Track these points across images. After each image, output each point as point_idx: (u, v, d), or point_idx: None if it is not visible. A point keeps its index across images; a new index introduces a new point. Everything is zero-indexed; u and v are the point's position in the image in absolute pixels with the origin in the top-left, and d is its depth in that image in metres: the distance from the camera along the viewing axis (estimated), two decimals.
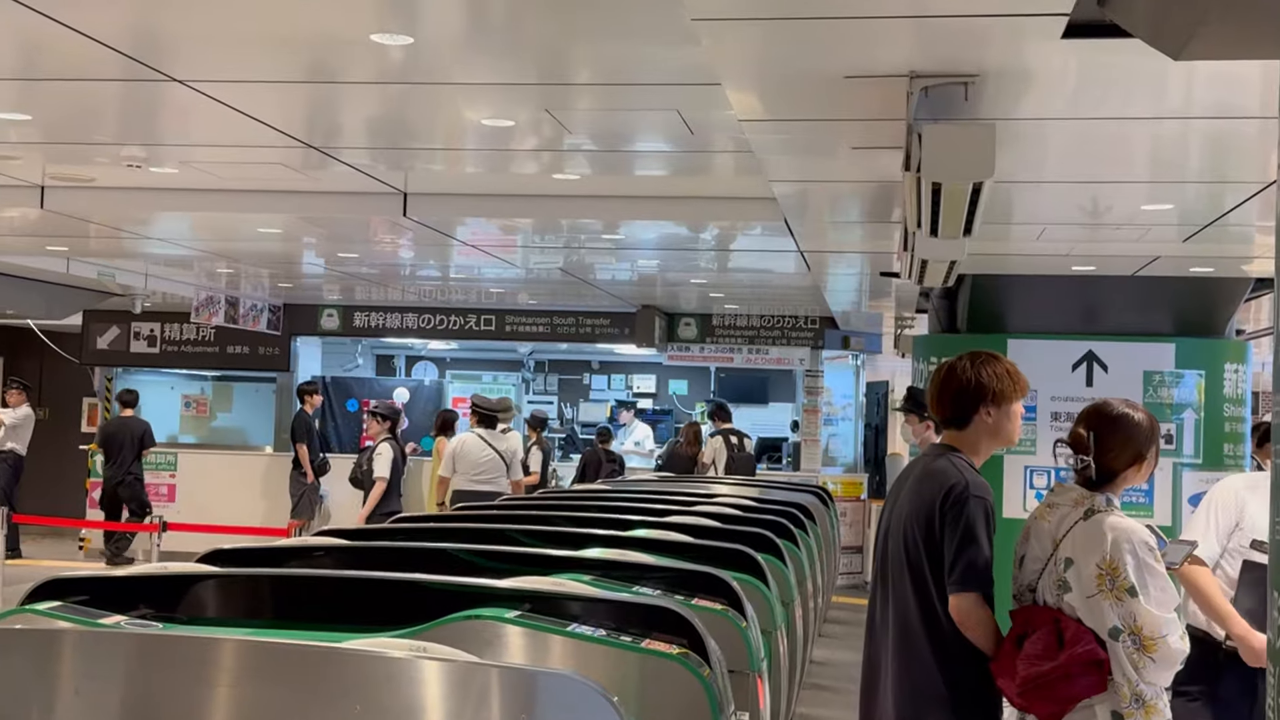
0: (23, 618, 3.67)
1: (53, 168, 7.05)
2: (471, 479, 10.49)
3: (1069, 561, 3.77)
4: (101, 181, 7.29)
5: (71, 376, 16.30)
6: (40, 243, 9.78)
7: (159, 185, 7.41)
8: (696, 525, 6.28)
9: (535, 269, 11.18)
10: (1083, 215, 6.84)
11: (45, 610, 3.70)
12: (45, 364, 16.58)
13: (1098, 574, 3.68)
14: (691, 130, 5.50)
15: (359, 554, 5.02)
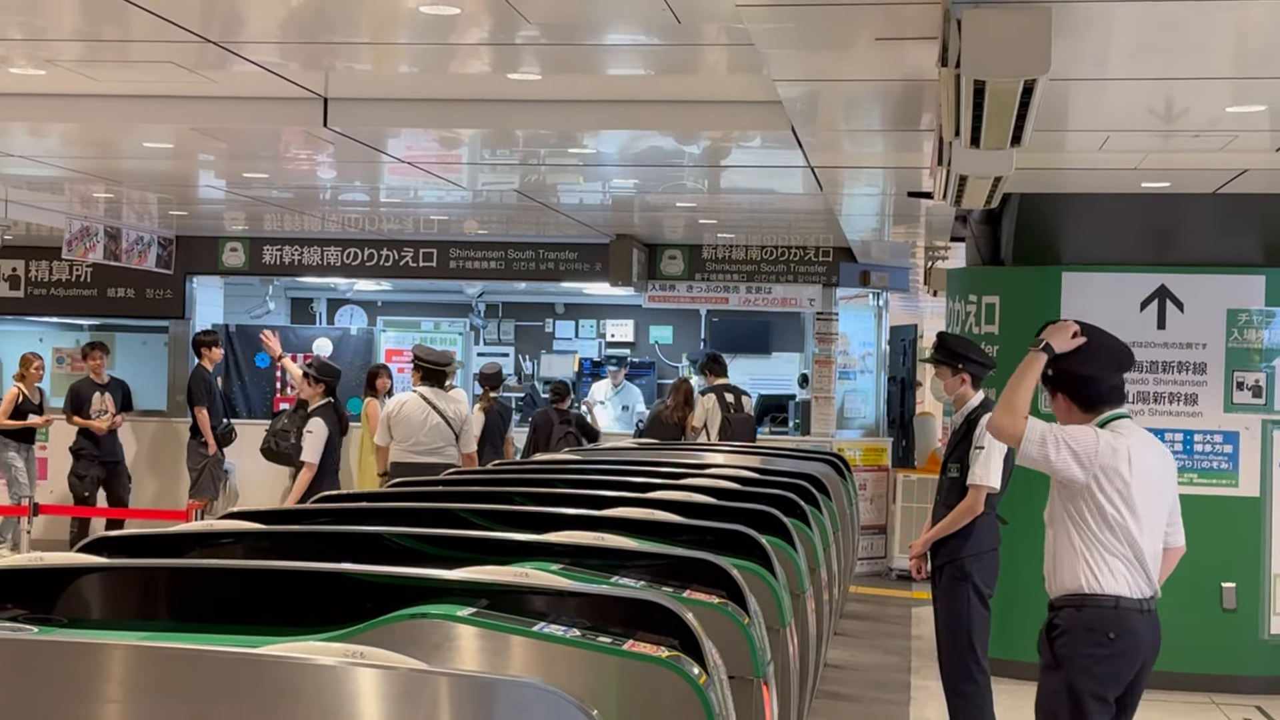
0: None
1: None
2: (411, 449, 10.47)
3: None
4: None
5: None
6: None
7: (20, 91, 7.41)
8: (687, 502, 6.30)
9: (485, 191, 11.19)
10: (1155, 120, 6.86)
11: None
12: None
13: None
14: (677, 18, 5.47)
15: (277, 540, 5.03)
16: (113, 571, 4.19)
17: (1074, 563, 5.01)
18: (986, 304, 9.56)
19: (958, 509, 6.81)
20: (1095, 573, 4.97)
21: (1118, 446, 5.01)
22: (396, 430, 10.57)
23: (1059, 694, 5.00)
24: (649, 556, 4.79)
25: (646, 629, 3.74)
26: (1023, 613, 7.97)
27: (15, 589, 4.00)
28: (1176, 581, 8.93)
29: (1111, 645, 4.96)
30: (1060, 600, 5.08)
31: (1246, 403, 9.13)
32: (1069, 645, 4.98)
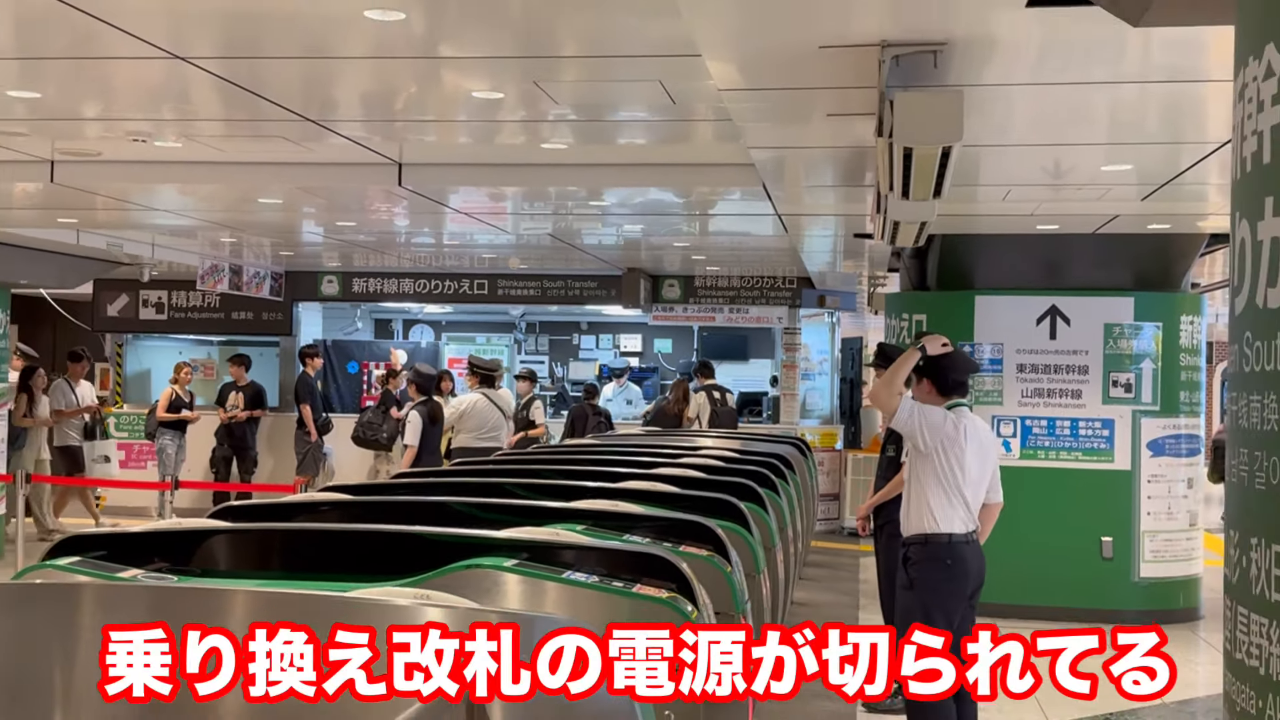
0: (44, 573, 3.68)
1: (61, 143, 7.01)
2: (478, 436, 10.50)
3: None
4: (108, 155, 7.24)
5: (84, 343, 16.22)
6: (51, 215, 9.72)
7: (163, 159, 7.36)
8: (683, 476, 6.30)
9: (525, 235, 11.15)
10: (1046, 176, 6.84)
11: (65, 565, 3.71)
12: (59, 331, 16.51)
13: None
14: (673, 100, 5.47)
15: (363, 508, 5.03)
16: (235, 533, 4.20)
17: (921, 511, 5.18)
18: (916, 320, 9.54)
19: (894, 480, 6.80)
20: (936, 518, 5.14)
21: (957, 424, 5.20)
22: (468, 423, 10.56)
23: (913, 609, 5.12)
24: (653, 519, 4.79)
25: (651, 575, 3.74)
26: None
27: (160, 547, 4.01)
28: (1066, 536, 8.98)
29: (949, 570, 5.15)
30: (912, 538, 5.23)
31: (1120, 397, 9.12)
32: (920, 571, 5.18)
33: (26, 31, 4.59)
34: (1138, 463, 9.08)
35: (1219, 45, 3.89)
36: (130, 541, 4.00)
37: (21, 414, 11.61)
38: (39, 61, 5.07)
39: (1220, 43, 3.84)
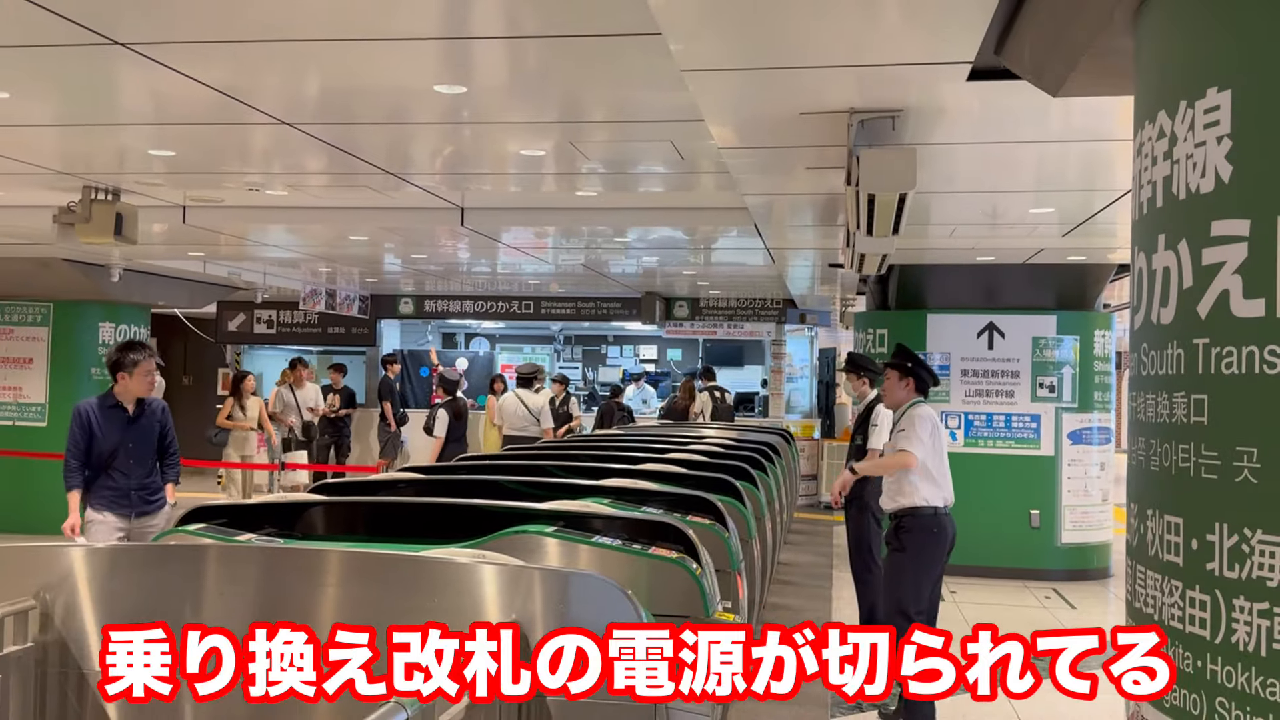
0: (176, 536, 3.70)
1: (191, 192, 7.04)
2: (511, 427, 10.59)
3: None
4: (229, 201, 7.27)
5: (209, 352, 16.33)
6: (183, 249, 9.78)
7: (274, 204, 7.39)
8: (689, 460, 6.28)
9: (562, 264, 11.17)
10: (984, 217, 6.82)
11: (194, 530, 3.73)
12: (189, 344, 16.61)
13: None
14: (682, 156, 5.48)
15: (433, 485, 5.04)
16: (330, 505, 4.22)
17: (913, 489, 5.13)
18: (879, 334, 9.52)
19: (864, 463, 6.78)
20: (925, 494, 5.11)
21: (934, 417, 5.22)
22: (503, 417, 10.63)
23: (906, 569, 5.10)
24: (665, 494, 4.78)
25: (663, 540, 3.73)
26: None
27: (270, 516, 4.03)
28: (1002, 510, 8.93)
29: (935, 536, 5.10)
30: (903, 511, 5.17)
31: (1045, 396, 9.07)
32: (912, 539, 5.10)
33: (164, 103, 4.63)
34: (1060, 450, 9.03)
35: (1123, 111, 3.89)
36: (247, 512, 4.02)
37: (225, 415, 10.72)
38: (174, 126, 5.11)
39: (1124, 109, 3.84)
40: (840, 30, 3.22)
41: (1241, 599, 1.84)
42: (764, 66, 3.56)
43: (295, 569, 2.90)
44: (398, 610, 2.72)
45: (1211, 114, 1.92)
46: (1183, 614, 1.97)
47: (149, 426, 5.59)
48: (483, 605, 2.71)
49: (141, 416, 5.57)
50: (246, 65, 4.00)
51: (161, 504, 5.60)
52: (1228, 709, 1.86)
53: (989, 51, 3.32)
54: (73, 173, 6.16)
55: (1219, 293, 1.89)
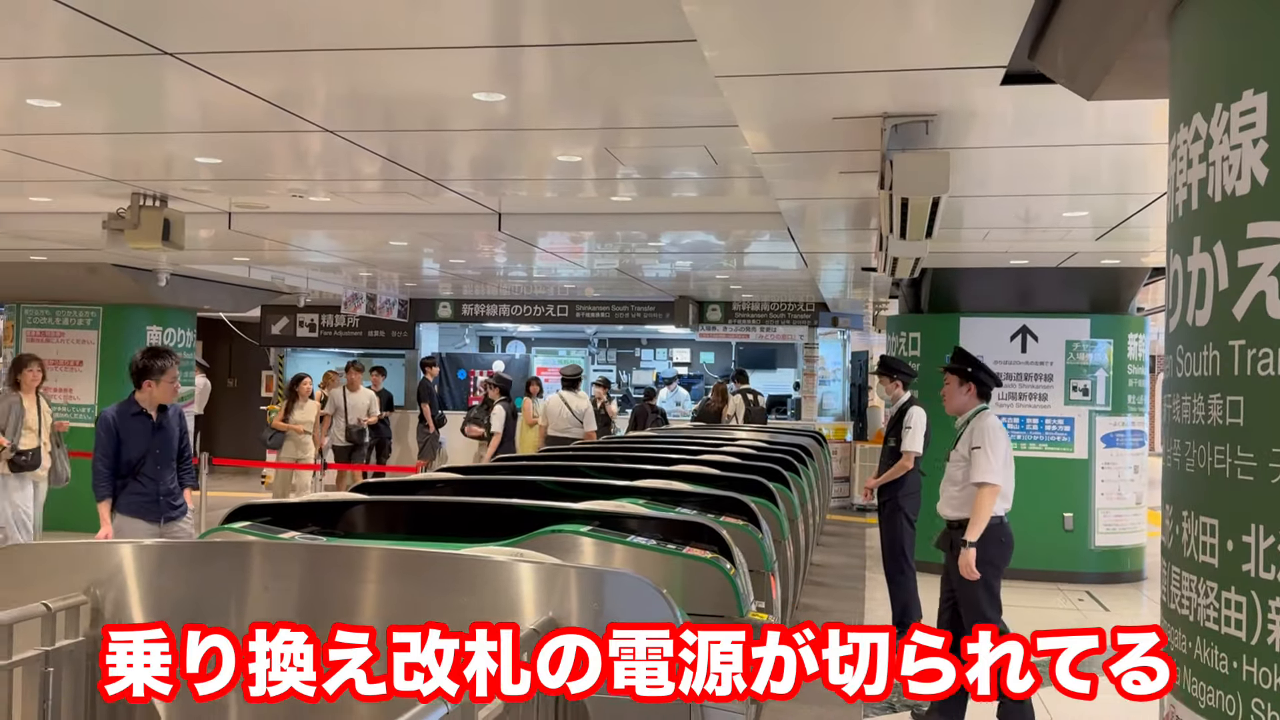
0: (222, 534, 3.75)
1: (236, 198, 7.12)
2: (555, 428, 10.57)
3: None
4: (273, 208, 7.35)
5: (253, 355, 16.51)
6: (228, 254, 9.89)
7: (316, 210, 7.47)
8: (723, 461, 6.28)
9: (597, 269, 11.19)
10: (1017, 221, 6.76)
11: (239, 528, 3.78)
12: (233, 346, 16.81)
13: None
14: (715, 161, 5.48)
15: (470, 485, 5.07)
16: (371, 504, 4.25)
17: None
18: (912, 337, 9.46)
19: (897, 465, 6.75)
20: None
21: (1001, 426, 5.06)
22: (547, 418, 10.63)
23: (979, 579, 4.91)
24: (699, 495, 4.78)
25: (697, 540, 3.73)
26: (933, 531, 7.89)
27: (313, 515, 4.07)
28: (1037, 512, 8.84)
29: (1003, 546, 4.94)
30: (967, 520, 4.97)
31: (1078, 399, 8.97)
32: (983, 548, 4.89)
33: (211, 112, 4.70)
34: (1093, 453, 8.93)
35: (1158, 114, 3.84)
36: (290, 510, 4.07)
37: (280, 417, 10.49)
38: (220, 134, 5.18)
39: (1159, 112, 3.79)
40: (874, 35, 3.21)
41: (1278, 600, 1.81)
42: (798, 72, 3.56)
43: (337, 566, 2.93)
44: (437, 607, 2.74)
45: (1247, 116, 1.90)
46: (1218, 615, 1.95)
47: (172, 432, 5.56)
48: (520, 603, 2.72)
49: (165, 422, 5.54)
50: (290, 74, 4.05)
51: (185, 509, 5.59)
52: (1264, 710, 1.84)
53: (1023, 55, 3.30)
54: (122, 180, 6.27)
55: (1255, 294, 1.87)
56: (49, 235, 8.46)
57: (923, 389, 7.51)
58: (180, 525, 5.53)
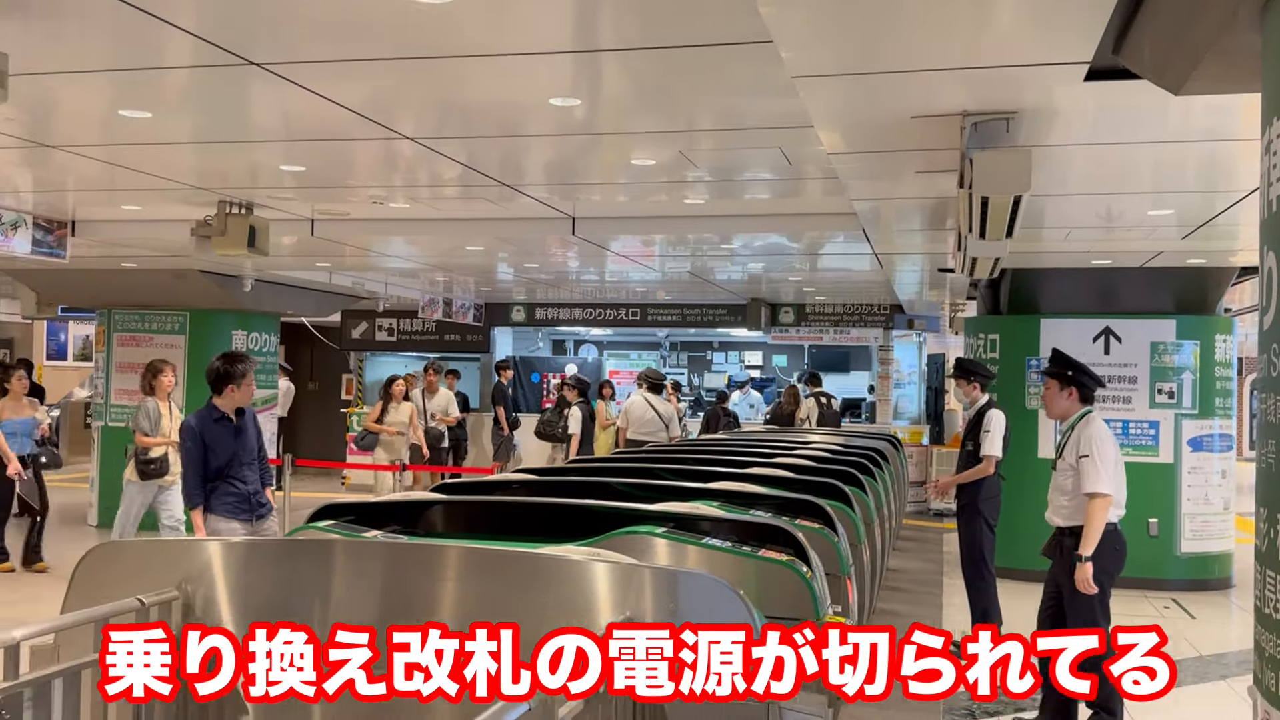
0: (307, 533, 3.83)
1: (319, 205, 7.27)
2: (636, 430, 10.53)
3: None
4: (354, 214, 7.49)
5: (333, 359, 16.85)
6: (310, 260, 10.10)
7: (395, 216, 7.58)
8: (797, 464, 6.24)
9: (669, 272, 11.20)
10: (1100, 220, 6.61)
11: (323, 527, 3.86)
12: (315, 350, 17.17)
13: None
14: (789, 162, 5.44)
15: (545, 486, 5.11)
16: (450, 504, 4.31)
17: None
18: (990, 339, 9.29)
19: (975, 469, 6.63)
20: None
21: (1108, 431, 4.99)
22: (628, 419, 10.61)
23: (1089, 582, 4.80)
24: (773, 498, 4.76)
25: (773, 542, 3.72)
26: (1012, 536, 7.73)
27: (394, 514, 4.14)
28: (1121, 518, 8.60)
29: (1117, 554, 4.85)
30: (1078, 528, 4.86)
31: (1164, 402, 8.72)
32: (1098, 557, 4.77)
33: (295, 121, 4.81)
34: (1179, 457, 8.67)
35: (1247, 109, 3.72)
36: (372, 509, 4.14)
37: (373, 419, 10.35)
38: (304, 143, 5.30)
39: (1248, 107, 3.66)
40: (953, 33, 3.17)
41: None
42: (874, 71, 3.52)
43: (418, 564, 2.98)
44: (514, 605, 2.76)
45: None
46: None
47: (251, 433, 5.65)
48: (595, 602, 2.73)
49: (244, 425, 5.63)
50: (373, 83, 4.13)
51: (270, 508, 5.69)
52: None
53: (1106, 51, 3.22)
54: (209, 188, 6.44)
55: None
56: (139, 242, 8.73)
57: (1002, 391, 7.37)
58: (268, 523, 5.66)
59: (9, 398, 8.54)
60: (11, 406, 8.52)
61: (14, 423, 8.43)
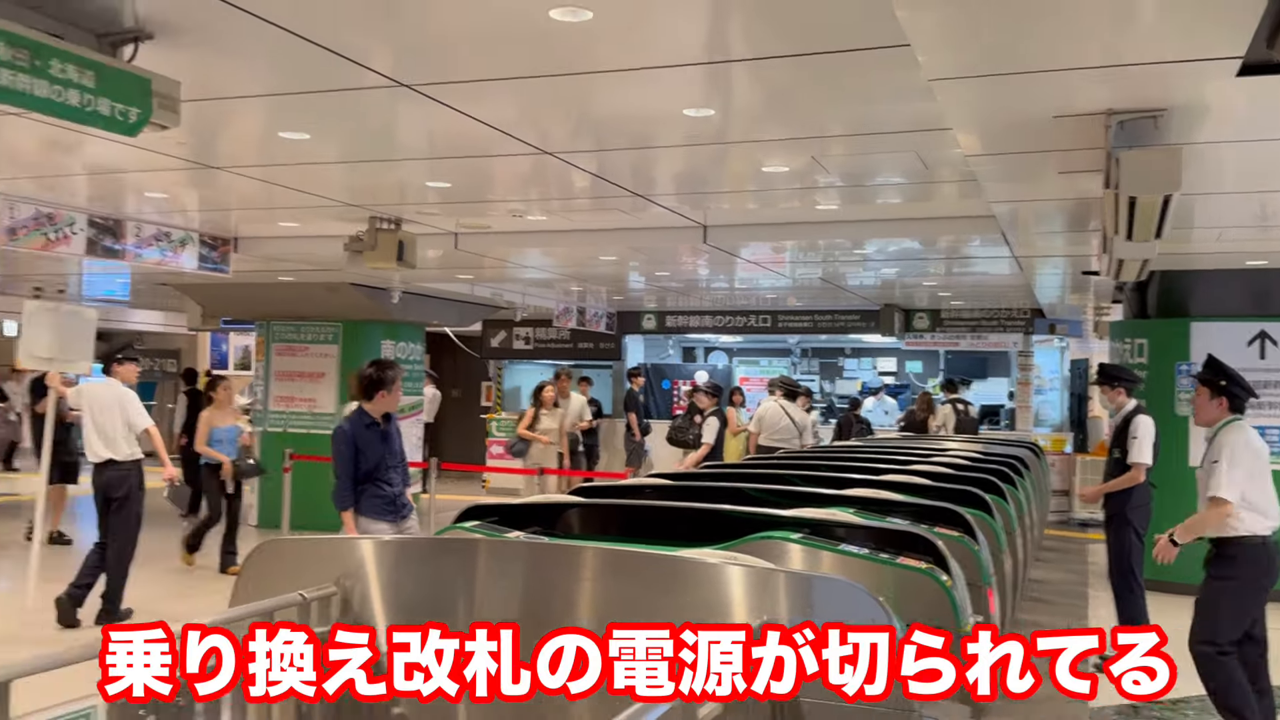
0: (453, 533, 3.97)
1: (462, 219, 7.49)
2: (769, 437, 10.44)
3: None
4: (495, 227, 7.68)
5: (474, 367, 17.31)
6: (453, 272, 10.41)
7: (533, 229, 7.74)
8: (935, 472, 6.11)
9: (800, 278, 11.10)
10: (1254, 219, 6.27)
11: (468, 527, 3.99)
12: (457, 359, 17.66)
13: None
14: (925, 166, 5.36)
15: (679, 490, 5.14)
16: (587, 507, 4.39)
17: (1236, 518, 4.63)
18: (1138, 344, 8.89)
19: (1124, 476, 6.37)
20: (1249, 524, 4.62)
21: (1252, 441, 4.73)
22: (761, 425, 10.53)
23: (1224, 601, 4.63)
24: (910, 505, 4.68)
25: (911, 550, 3.66)
26: None
27: (534, 516, 4.25)
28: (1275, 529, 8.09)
29: (1258, 566, 4.63)
30: (1228, 539, 4.66)
31: None
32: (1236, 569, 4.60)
33: (441, 138, 4.99)
34: None
35: None
36: (514, 511, 4.26)
37: (525, 427, 10.35)
38: (449, 160, 5.49)
39: None
40: (1096, 31, 3.07)
41: None
42: (1014, 71, 3.44)
43: (558, 564, 3.04)
44: (651, 606, 2.80)
45: None
46: None
47: (396, 438, 5.85)
48: (731, 605, 2.74)
49: (390, 430, 5.82)
50: (513, 100, 4.26)
51: (410, 508, 5.88)
52: None
53: (1260, 45, 3.07)
54: (359, 204, 6.73)
55: None
56: (295, 257, 9.16)
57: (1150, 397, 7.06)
58: (410, 522, 5.87)
59: (214, 406, 8.91)
60: (219, 415, 8.90)
61: (221, 430, 8.82)
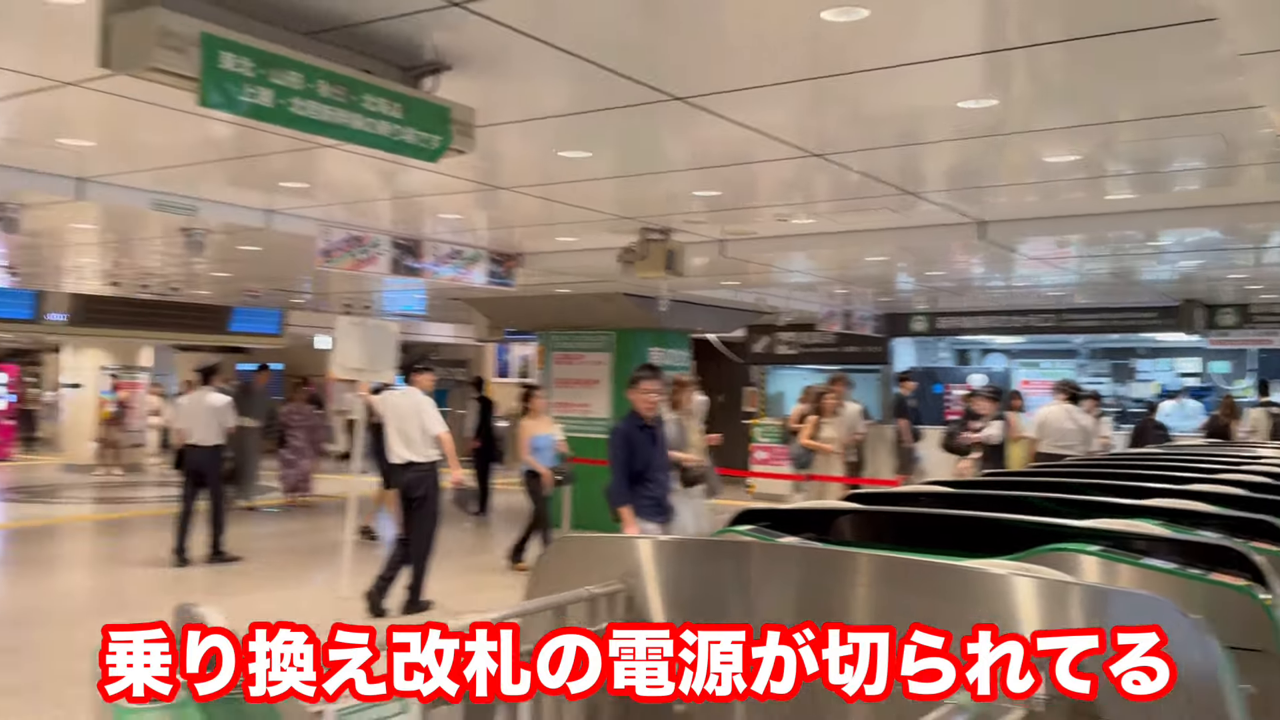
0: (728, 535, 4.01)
1: (728, 226, 7.59)
2: (1053, 444, 9.84)
3: None
4: (760, 232, 7.73)
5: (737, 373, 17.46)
6: (718, 279, 10.58)
7: (799, 232, 7.73)
8: (1249, 482, 5.53)
9: (1086, 274, 10.42)
10: None
11: (742, 530, 4.02)
12: (721, 365, 17.90)
13: None
14: (1228, 148, 4.88)
15: (957, 498, 4.95)
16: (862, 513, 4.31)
17: None
18: None
19: None
20: None
21: None
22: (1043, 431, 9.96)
23: None
24: (1221, 517, 4.25)
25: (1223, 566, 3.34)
26: None
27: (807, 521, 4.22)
28: None
29: None
30: None
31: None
32: None
33: (709, 148, 5.09)
34: None
35: None
36: (787, 516, 4.25)
37: (808, 435, 9.77)
38: (717, 169, 5.58)
39: None
40: None
41: None
42: None
43: (832, 569, 3.02)
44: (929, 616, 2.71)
45: None
46: None
47: (663, 440, 5.98)
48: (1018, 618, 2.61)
49: (658, 433, 5.95)
50: (783, 105, 4.27)
51: (674, 510, 6.02)
52: None
53: None
54: (631, 216, 6.97)
55: None
56: (572, 270, 9.61)
57: None
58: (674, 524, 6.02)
59: (530, 415, 9.35)
60: (536, 424, 9.32)
61: (540, 439, 9.25)
